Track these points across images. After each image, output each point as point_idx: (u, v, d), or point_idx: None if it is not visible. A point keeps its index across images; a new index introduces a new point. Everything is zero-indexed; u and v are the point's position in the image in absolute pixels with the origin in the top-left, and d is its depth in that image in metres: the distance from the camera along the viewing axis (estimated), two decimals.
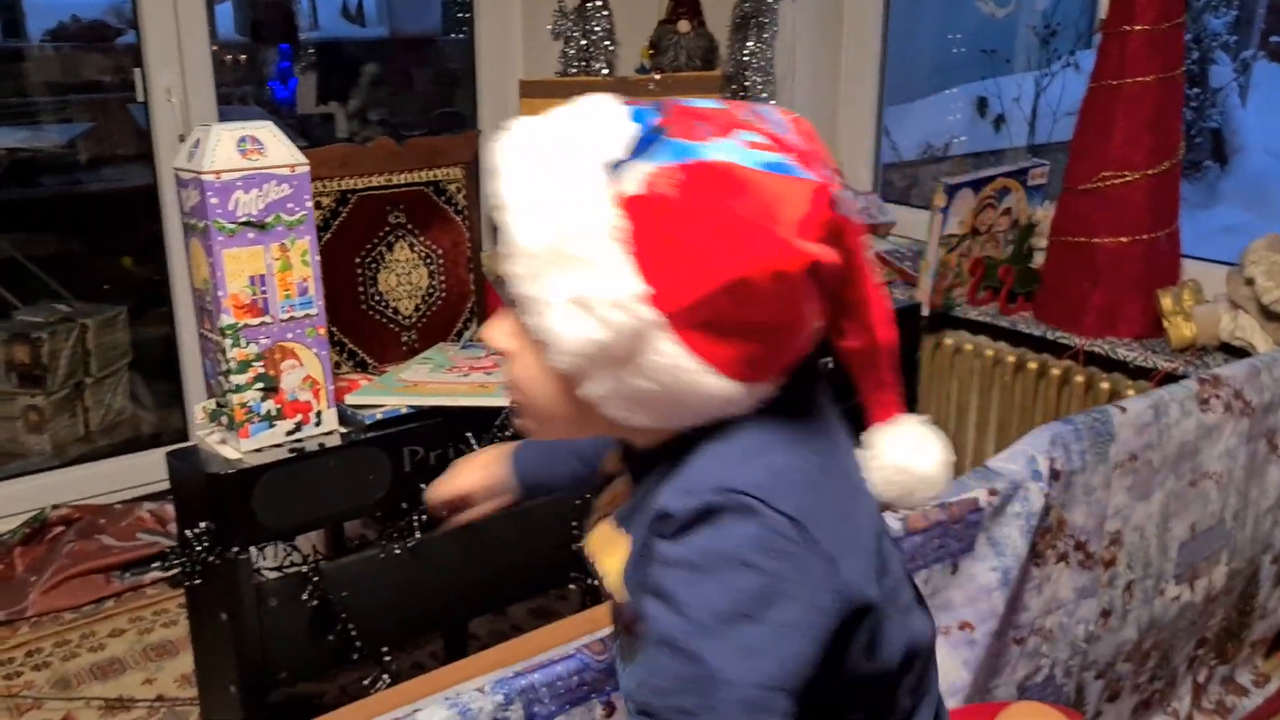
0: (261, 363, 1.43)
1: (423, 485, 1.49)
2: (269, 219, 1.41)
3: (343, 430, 1.52)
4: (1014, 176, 2.53)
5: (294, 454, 1.45)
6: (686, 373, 0.71)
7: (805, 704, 0.71)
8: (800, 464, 0.74)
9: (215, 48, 6.63)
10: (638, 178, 0.70)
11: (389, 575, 1.52)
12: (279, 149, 1.43)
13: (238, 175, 1.38)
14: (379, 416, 1.53)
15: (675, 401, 0.73)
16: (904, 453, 0.80)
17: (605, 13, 3.08)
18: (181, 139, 2.82)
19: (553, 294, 0.71)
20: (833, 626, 0.72)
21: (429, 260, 2.25)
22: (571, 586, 1.76)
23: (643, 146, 0.71)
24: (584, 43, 3.10)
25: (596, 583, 0.83)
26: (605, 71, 3.11)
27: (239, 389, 1.42)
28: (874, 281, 0.76)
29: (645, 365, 0.71)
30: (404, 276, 2.21)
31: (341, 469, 1.47)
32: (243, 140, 1.40)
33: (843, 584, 0.72)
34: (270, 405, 1.44)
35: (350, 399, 1.56)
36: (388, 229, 2.18)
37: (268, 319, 1.43)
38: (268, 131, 1.44)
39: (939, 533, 1.47)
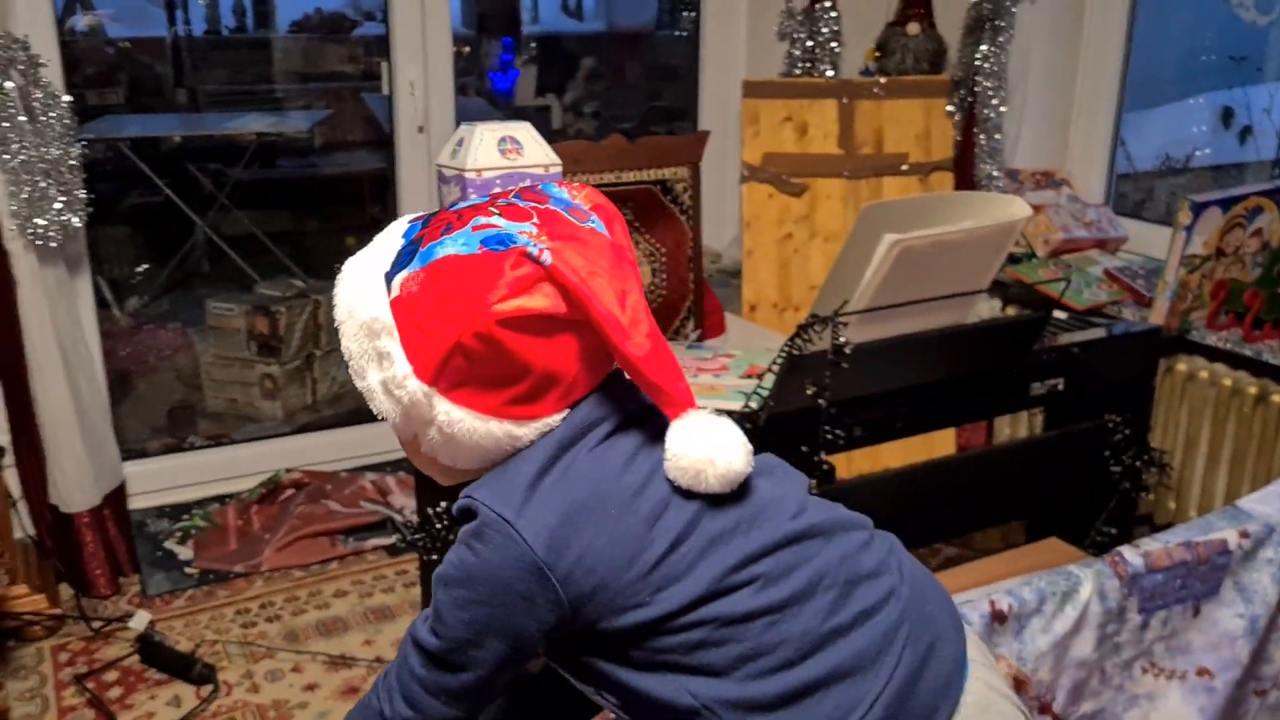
0: None
1: None
2: None
3: None
4: (1269, 196, 2.37)
5: None
6: (464, 423, 0.92)
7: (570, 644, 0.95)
8: (531, 488, 0.91)
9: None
10: (397, 284, 0.91)
11: None
12: (535, 149, 1.49)
13: (497, 173, 1.44)
14: None
15: (474, 445, 0.94)
16: (681, 443, 0.91)
17: (833, 14, 3.06)
18: (420, 130, 2.96)
19: (372, 382, 0.94)
20: (530, 618, 0.91)
21: (653, 258, 2.30)
22: None
23: (403, 259, 0.92)
24: (810, 44, 3.09)
25: None
26: (830, 73, 3.09)
27: None
28: (602, 307, 0.89)
29: (439, 423, 0.93)
30: None
31: None
32: (503, 140, 1.46)
33: (552, 588, 0.90)
34: None
35: None
36: None
37: None
38: (525, 132, 1.50)
39: (1182, 573, 1.40)
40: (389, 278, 0.92)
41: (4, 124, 2.23)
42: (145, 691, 2.16)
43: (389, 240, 0.96)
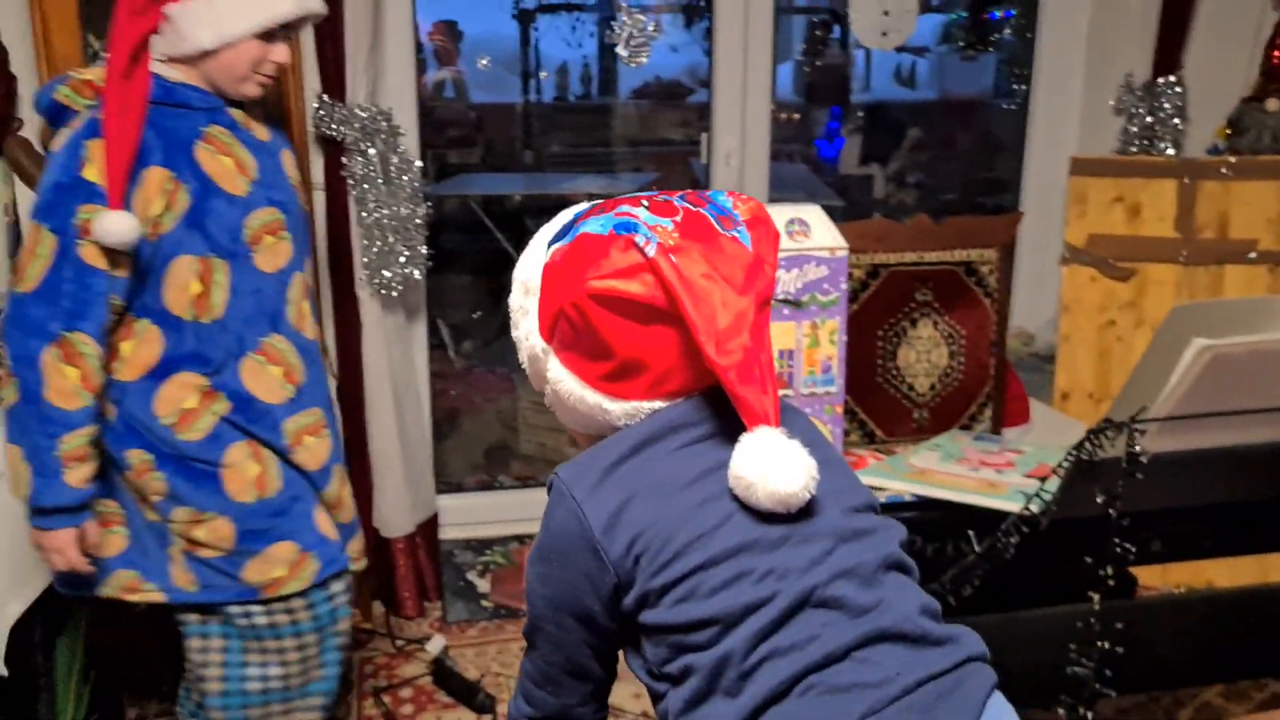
0: None
1: None
2: (804, 298, 1.48)
3: None
4: None
5: None
6: (565, 384, 1.03)
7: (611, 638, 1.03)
8: (611, 470, 0.99)
9: (772, 108, 7.05)
10: (550, 251, 1.03)
11: None
12: (823, 232, 1.50)
13: (782, 255, 1.46)
14: (882, 500, 1.54)
15: (573, 409, 1.05)
16: (743, 456, 0.95)
17: (1178, 89, 2.85)
18: None
19: (518, 334, 1.08)
20: (588, 589, 0.99)
21: (951, 340, 2.23)
22: None
23: (562, 231, 1.03)
24: (1149, 120, 2.90)
25: None
26: (1170, 151, 2.88)
27: None
28: (697, 308, 0.94)
29: (551, 380, 1.05)
30: (924, 354, 2.21)
31: None
32: (791, 222, 1.49)
33: (601, 563, 0.98)
34: None
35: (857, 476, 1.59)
36: (913, 305, 2.19)
37: (789, 392, 1.50)
38: (815, 214, 1.51)
39: None
40: (549, 246, 1.03)
41: (364, 186, 2.52)
42: (432, 713, 2.33)
43: (564, 215, 1.07)
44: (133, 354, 1.64)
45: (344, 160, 2.51)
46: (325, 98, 2.50)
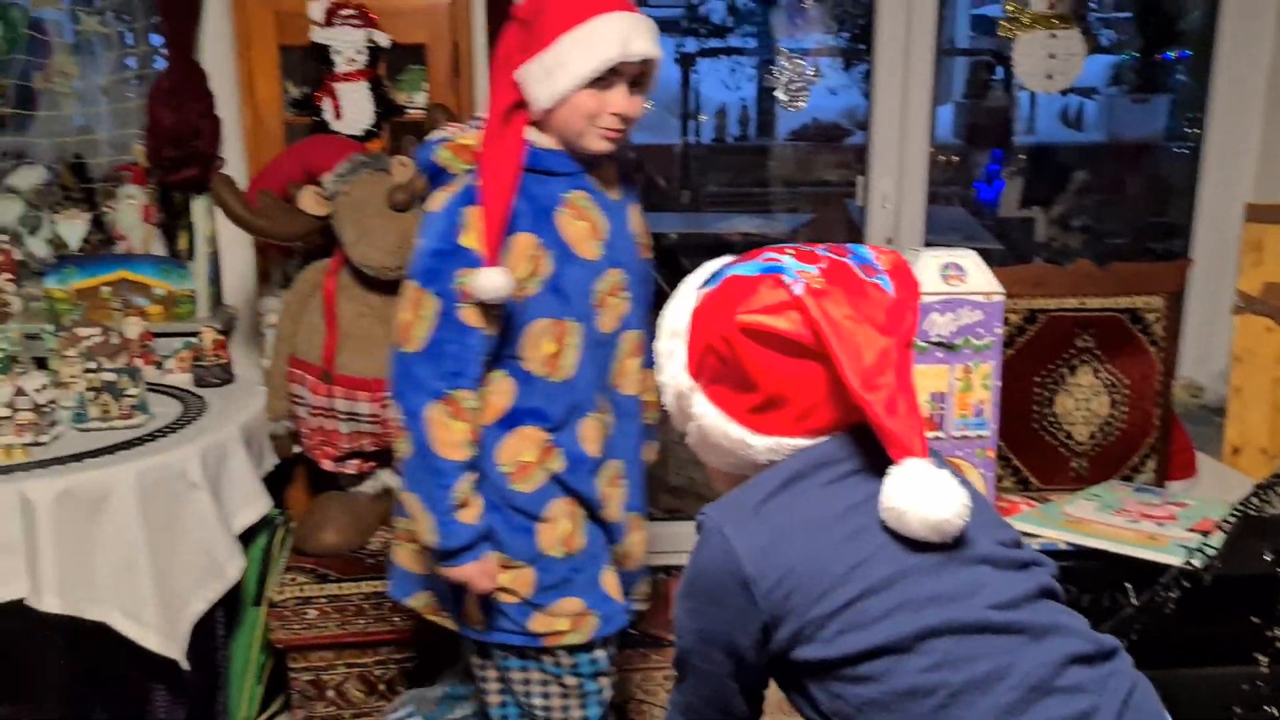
0: None
1: None
2: (958, 341, 1.49)
3: None
4: None
5: None
6: (710, 418, 1.09)
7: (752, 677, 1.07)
8: (759, 507, 1.03)
9: (931, 150, 6.98)
10: (699, 296, 1.11)
11: None
12: (978, 277, 1.51)
13: (937, 299, 1.48)
14: (1036, 547, 1.53)
15: (716, 444, 1.10)
16: (893, 486, 0.98)
17: None
18: (889, 242, 3.05)
19: (663, 377, 1.14)
20: (739, 626, 1.03)
21: (1113, 388, 2.18)
22: None
23: (711, 278, 1.11)
24: None
25: None
26: None
27: None
28: (843, 345, 0.99)
29: (695, 415, 1.10)
30: (1083, 402, 2.16)
31: None
32: (946, 266, 1.50)
33: (753, 600, 1.01)
34: None
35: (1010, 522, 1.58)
36: (1073, 352, 2.16)
37: (941, 434, 1.51)
38: (971, 260, 1.53)
39: None
40: (697, 290, 1.11)
41: None
42: None
43: (711, 265, 1.15)
44: (486, 402, 1.71)
45: None
46: None
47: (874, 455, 1.02)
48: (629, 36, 1.61)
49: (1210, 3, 3.03)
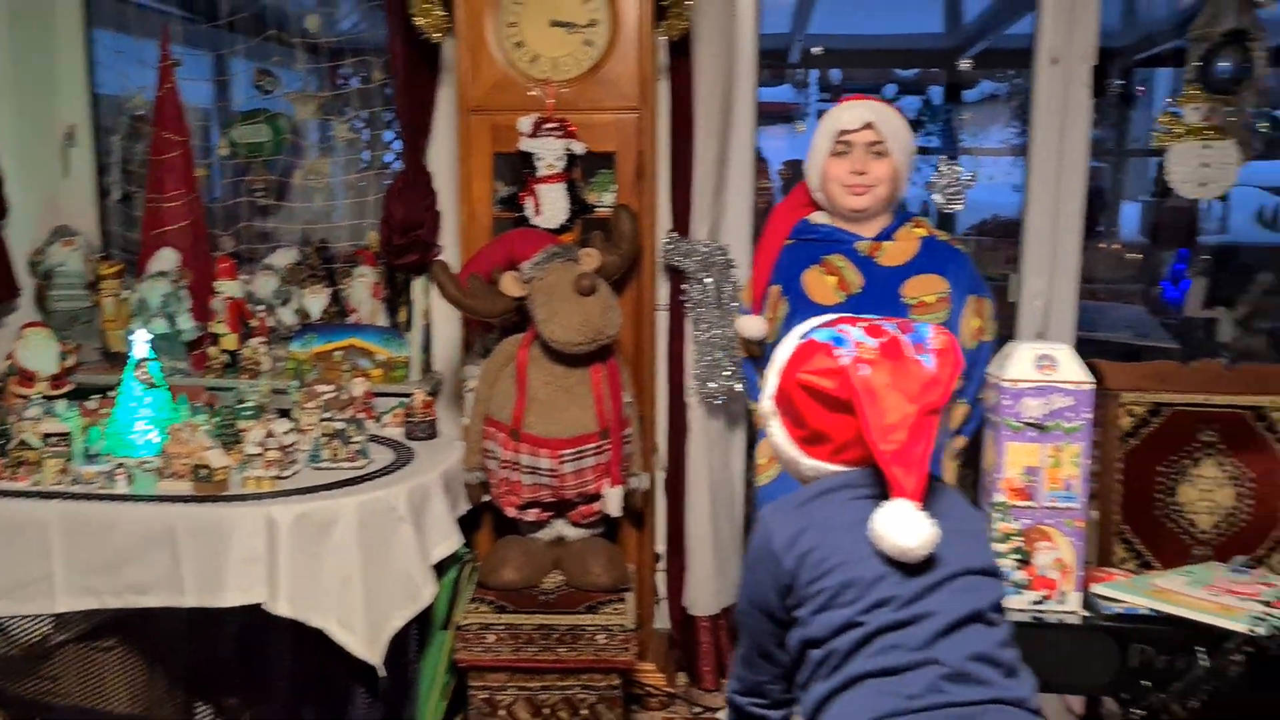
0: (1021, 538, 1.71)
1: (1146, 683, 1.63)
2: (1049, 423, 1.70)
3: (1084, 613, 1.72)
4: None
5: (1034, 621, 1.70)
6: (777, 439, 1.47)
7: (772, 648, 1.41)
8: (801, 505, 1.38)
9: (1117, 246, 6.97)
10: (795, 344, 1.45)
11: None
12: (1070, 368, 1.71)
13: (1029, 385, 1.70)
14: (1119, 610, 1.70)
15: (782, 456, 1.47)
16: (877, 517, 1.29)
17: None
18: (1038, 337, 3.21)
19: (763, 399, 1.50)
20: (770, 589, 1.37)
21: (1237, 481, 2.28)
22: None
23: (807, 332, 1.44)
24: None
25: None
26: None
27: (999, 556, 1.72)
28: (867, 409, 1.31)
29: (771, 433, 1.48)
30: (1206, 493, 2.28)
31: (1071, 646, 1.67)
32: (1041, 358, 1.72)
33: (778, 569, 1.35)
34: (1022, 575, 1.72)
35: (1099, 588, 1.76)
36: (1197, 445, 2.28)
37: (1034, 504, 1.71)
38: (1064, 352, 1.73)
39: None
40: (798, 339, 1.46)
41: (700, 309, 2.96)
42: None
43: (814, 321, 1.48)
44: None
45: (684, 286, 2.97)
46: (674, 234, 2.99)
47: (860, 484, 1.37)
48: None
49: None
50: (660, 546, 3.13)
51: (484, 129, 2.81)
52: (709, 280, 2.96)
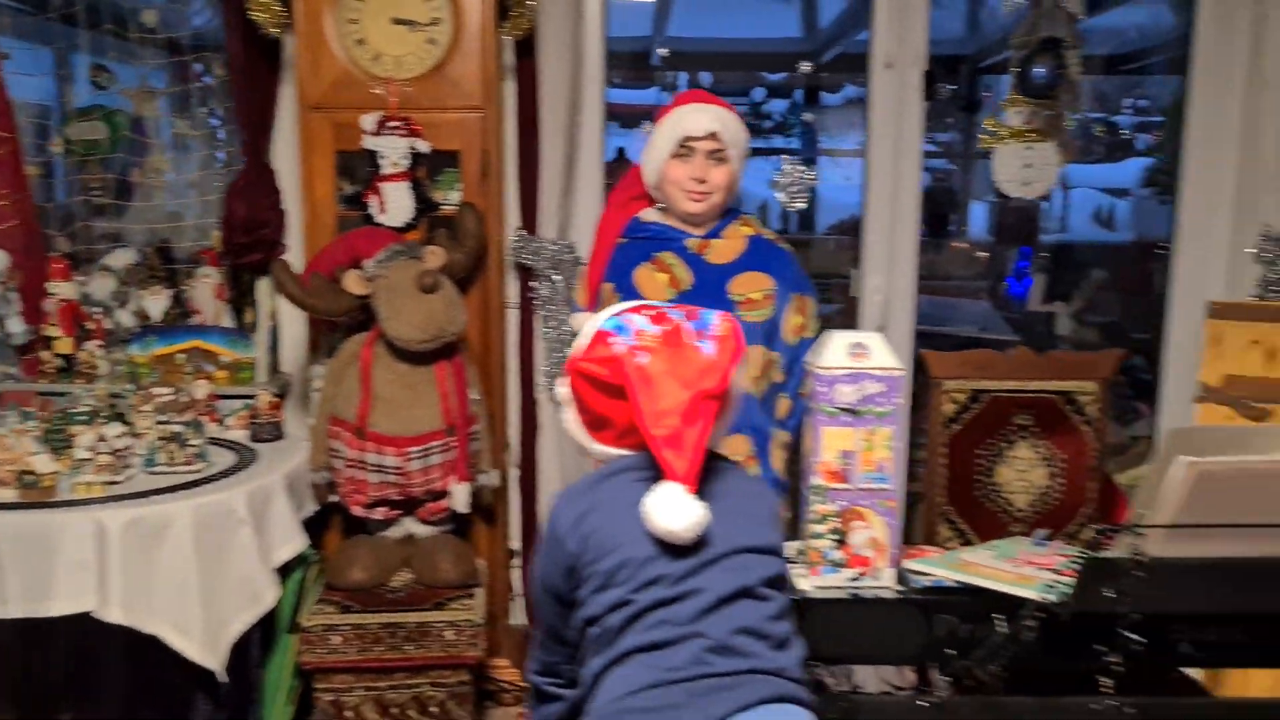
0: (837, 519, 1.79)
1: (951, 651, 1.73)
2: (862, 408, 1.78)
3: (897, 588, 1.80)
4: None
5: (851, 597, 1.78)
6: (572, 426, 1.52)
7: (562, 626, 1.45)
8: (589, 488, 1.44)
9: (966, 245, 7.22)
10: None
11: None
12: (881, 355, 1.80)
13: (843, 372, 1.77)
14: (928, 584, 1.79)
15: (579, 447, 1.53)
16: (648, 499, 1.35)
17: None
18: (880, 330, 3.33)
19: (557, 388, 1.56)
20: (555, 572, 1.42)
21: (1050, 463, 2.42)
22: None
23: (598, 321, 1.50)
24: None
25: None
26: None
27: (817, 536, 1.79)
28: (639, 395, 1.37)
29: (565, 422, 1.53)
30: (1022, 473, 2.41)
31: (884, 620, 1.76)
32: (854, 345, 1.80)
33: (562, 551, 1.40)
34: (839, 554, 1.79)
35: (911, 564, 1.84)
36: (1013, 429, 2.41)
37: (849, 485, 1.79)
38: (877, 341, 1.81)
39: None
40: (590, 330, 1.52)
41: (550, 307, 2.99)
42: None
43: (611, 309, 1.52)
44: None
45: (533, 284, 2.99)
46: (523, 232, 3.01)
47: (639, 466, 1.41)
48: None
49: None
50: (515, 543, 3.14)
51: (326, 127, 2.79)
52: (558, 278, 2.99)
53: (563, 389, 1.52)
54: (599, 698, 1.33)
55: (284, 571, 2.54)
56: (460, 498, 2.67)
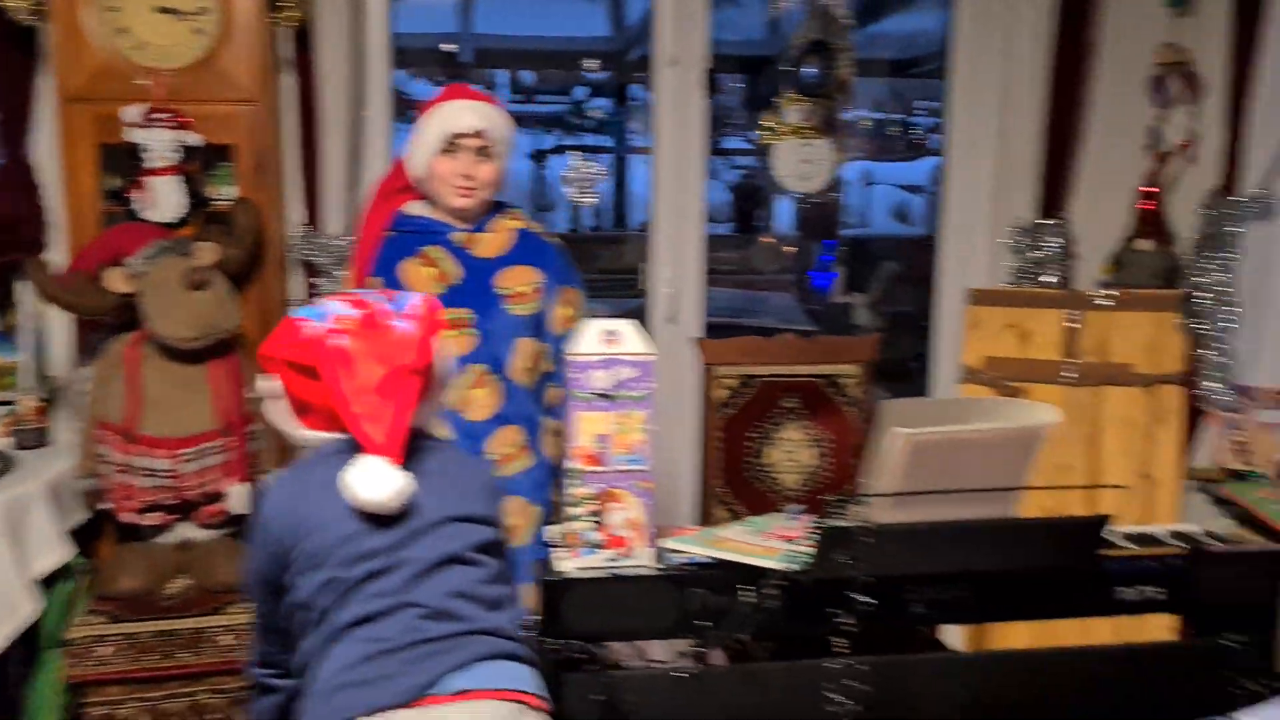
0: (595, 501, 1.84)
1: (703, 623, 1.80)
2: (616, 393, 1.83)
3: (655, 566, 1.87)
4: None
5: (610, 576, 1.83)
6: (279, 416, 1.53)
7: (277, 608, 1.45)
8: (297, 474, 1.49)
9: (772, 240, 7.44)
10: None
11: (674, 694, 1.82)
12: (633, 341, 1.85)
13: (595, 358, 1.82)
14: (680, 561, 1.86)
15: (287, 435, 1.55)
16: (347, 473, 1.39)
17: (1061, 229, 3.20)
18: (670, 321, 3.42)
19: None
20: (265, 559, 1.43)
21: (819, 443, 2.54)
22: None
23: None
24: (1039, 256, 3.24)
25: None
26: (1055, 283, 3.21)
27: (575, 518, 1.84)
28: (335, 376, 1.40)
29: (272, 413, 1.55)
30: (790, 454, 2.53)
31: (641, 597, 1.82)
32: (607, 331, 1.85)
33: (269, 537, 1.43)
34: (598, 535, 1.84)
35: (668, 542, 1.91)
36: (781, 411, 2.53)
37: (604, 467, 1.84)
38: (629, 327, 1.87)
39: None
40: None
41: None
42: None
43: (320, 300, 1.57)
44: None
45: (316, 281, 2.95)
46: (307, 227, 2.96)
47: (345, 449, 1.44)
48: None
49: None
50: None
51: (87, 119, 2.68)
52: (342, 274, 2.95)
53: (263, 382, 1.52)
54: (316, 679, 1.34)
55: (49, 584, 2.43)
56: (238, 499, 2.61)
